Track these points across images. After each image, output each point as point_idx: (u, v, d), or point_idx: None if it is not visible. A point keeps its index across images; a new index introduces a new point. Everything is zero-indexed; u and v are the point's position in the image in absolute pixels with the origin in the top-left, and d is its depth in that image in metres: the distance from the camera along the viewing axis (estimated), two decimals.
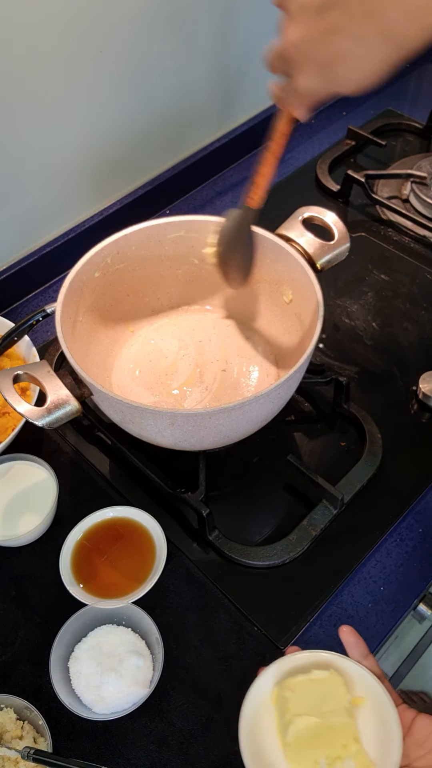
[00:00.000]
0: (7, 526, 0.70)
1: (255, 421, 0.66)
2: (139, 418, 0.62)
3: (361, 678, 0.52)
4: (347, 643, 0.55)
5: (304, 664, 0.54)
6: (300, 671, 0.53)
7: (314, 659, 0.54)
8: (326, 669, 0.53)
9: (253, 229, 0.70)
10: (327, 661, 0.54)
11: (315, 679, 0.52)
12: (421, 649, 1.04)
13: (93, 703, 0.59)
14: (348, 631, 0.55)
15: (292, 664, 0.53)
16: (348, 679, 0.53)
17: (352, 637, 0.55)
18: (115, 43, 0.86)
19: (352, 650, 0.54)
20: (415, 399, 0.81)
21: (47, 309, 0.76)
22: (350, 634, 0.55)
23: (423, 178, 1.03)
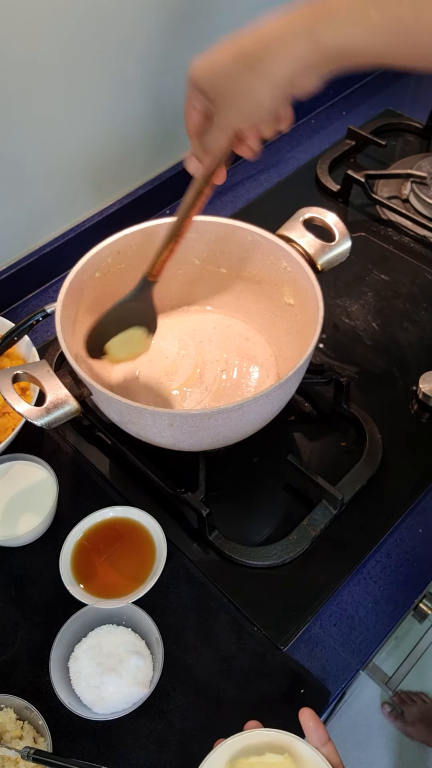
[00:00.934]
0: (7, 526, 0.70)
1: (255, 421, 0.66)
2: (138, 419, 0.62)
3: (317, 766, 0.50)
4: (306, 728, 0.52)
5: (260, 744, 0.51)
6: (255, 751, 0.51)
7: (271, 739, 0.51)
8: (281, 752, 0.51)
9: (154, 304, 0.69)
10: (284, 743, 0.51)
11: (268, 763, 0.50)
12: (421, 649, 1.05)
13: (93, 703, 0.59)
14: (309, 716, 0.52)
15: (247, 742, 0.51)
16: (301, 764, 0.51)
17: (311, 722, 0.52)
18: (114, 43, 0.86)
19: (312, 736, 0.52)
20: (415, 399, 0.81)
21: (47, 309, 0.76)
22: (310, 718, 0.52)
23: (423, 178, 1.03)
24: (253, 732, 0.52)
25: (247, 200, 1.08)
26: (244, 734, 0.52)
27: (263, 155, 1.15)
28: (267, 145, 1.17)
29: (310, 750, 0.50)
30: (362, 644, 0.65)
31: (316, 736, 0.52)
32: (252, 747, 0.52)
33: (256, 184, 1.10)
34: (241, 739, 0.51)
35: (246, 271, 0.77)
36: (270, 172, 1.12)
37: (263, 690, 0.62)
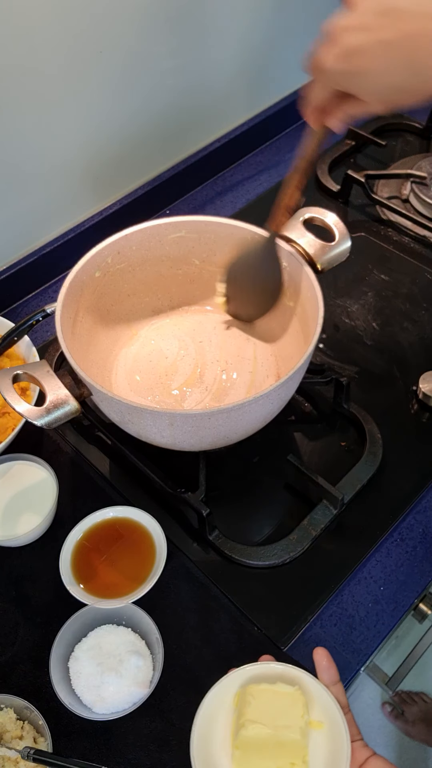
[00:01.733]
0: (7, 526, 0.70)
1: (255, 421, 0.66)
2: (139, 419, 0.62)
3: (324, 703, 0.52)
4: (319, 666, 0.54)
5: (273, 674, 0.53)
6: (267, 680, 0.53)
7: (284, 672, 0.54)
8: (293, 684, 0.53)
9: (278, 255, 0.69)
10: (295, 677, 0.53)
11: (278, 692, 0.52)
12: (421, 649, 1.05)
13: (93, 703, 0.59)
14: (322, 654, 0.55)
15: (261, 671, 0.53)
16: (311, 700, 0.53)
17: (325, 661, 0.54)
18: (115, 43, 0.86)
19: (323, 674, 0.54)
20: (415, 399, 0.81)
21: (47, 309, 0.76)
22: (324, 656, 0.54)
23: (423, 178, 1.03)
24: (267, 663, 0.54)
25: (247, 200, 1.08)
26: (257, 664, 0.54)
27: (263, 155, 1.16)
28: (267, 145, 1.17)
29: (319, 687, 0.53)
30: (362, 644, 0.65)
31: (327, 675, 0.54)
32: (264, 676, 0.54)
33: (256, 184, 1.10)
34: (254, 668, 0.54)
35: None
36: (270, 172, 1.12)
37: None
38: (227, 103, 1.10)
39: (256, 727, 0.50)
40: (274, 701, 0.52)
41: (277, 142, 1.17)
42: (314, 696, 0.53)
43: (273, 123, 1.15)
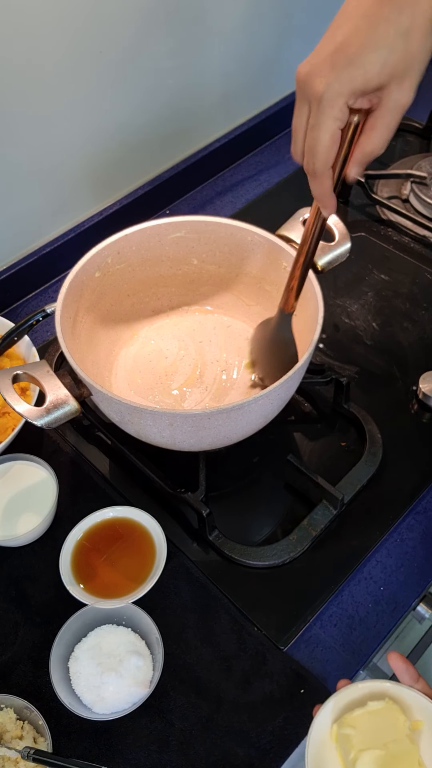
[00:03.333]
0: (7, 526, 0.70)
1: (255, 421, 0.66)
2: (138, 419, 0.62)
3: (417, 702, 0.53)
4: (398, 669, 0.54)
5: (359, 697, 0.54)
6: (356, 704, 0.53)
7: (367, 690, 0.54)
8: (381, 698, 0.53)
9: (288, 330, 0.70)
10: (380, 689, 0.54)
11: (372, 711, 0.52)
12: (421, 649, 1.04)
13: (93, 703, 0.59)
14: (397, 657, 0.55)
15: (347, 699, 0.53)
16: (404, 704, 0.53)
17: (401, 663, 0.54)
18: (115, 43, 0.86)
19: (403, 676, 0.54)
20: (415, 399, 0.81)
21: (47, 309, 0.76)
22: (399, 659, 0.55)
23: (423, 178, 1.03)
24: (348, 688, 0.53)
25: (247, 200, 1.08)
26: (341, 692, 0.53)
27: (263, 155, 1.16)
28: (267, 145, 1.17)
29: (406, 689, 0.53)
30: (362, 644, 0.65)
31: (408, 675, 0.54)
32: (353, 702, 0.53)
33: (256, 184, 1.10)
34: (341, 698, 0.53)
35: (246, 271, 0.77)
36: (270, 172, 1.12)
37: (263, 690, 0.62)
38: (227, 103, 1.10)
39: (369, 753, 0.51)
40: (373, 722, 0.52)
41: (277, 142, 1.17)
42: (405, 699, 0.53)
43: (273, 123, 1.15)
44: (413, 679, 0.54)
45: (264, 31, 1.06)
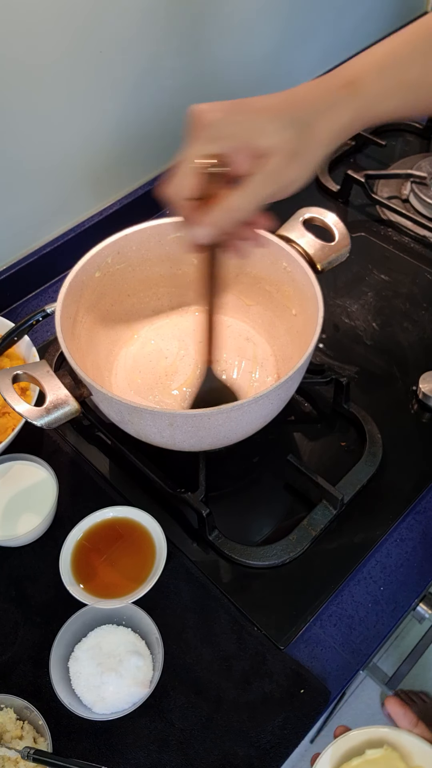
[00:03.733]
0: (7, 526, 0.70)
1: (254, 422, 0.66)
2: (138, 419, 0.62)
3: (417, 747, 0.52)
4: (395, 714, 0.54)
5: (357, 745, 0.52)
6: (354, 753, 0.52)
7: (366, 737, 0.52)
8: (379, 745, 0.52)
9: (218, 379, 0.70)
10: (379, 736, 0.52)
11: (371, 760, 0.51)
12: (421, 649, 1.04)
13: (93, 703, 0.59)
14: (394, 702, 0.54)
15: (345, 747, 0.52)
16: (403, 751, 0.52)
17: (398, 707, 0.53)
18: (115, 43, 0.86)
19: (401, 720, 0.53)
20: (415, 399, 0.81)
21: (47, 309, 0.76)
22: (396, 704, 0.54)
23: (423, 178, 1.03)
24: (346, 736, 0.52)
25: None
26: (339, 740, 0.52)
27: None
28: None
29: (405, 734, 0.52)
30: (362, 644, 0.65)
31: (406, 720, 0.53)
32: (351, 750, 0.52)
33: None
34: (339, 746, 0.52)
35: (246, 271, 0.77)
36: None
37: (263, 690, 0.62)
38: None
39: None
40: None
41: None
42: (404, 745, 0.52)
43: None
44: (412, 724, 0.53)
45: (264, 31, 1.06)
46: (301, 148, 0.48)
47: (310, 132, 0.49)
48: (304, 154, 0.49)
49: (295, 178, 0.49)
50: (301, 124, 0.48)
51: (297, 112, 0.49)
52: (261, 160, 0.48)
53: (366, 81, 0.50)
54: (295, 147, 0.48)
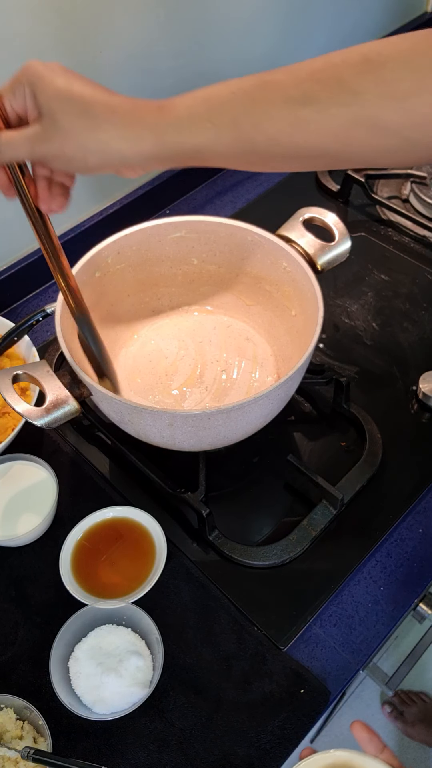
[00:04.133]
0: (7, 526, 0.70)
1: (254, 422, 0.66)
2: (138, 419, 0.62)
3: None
4: (361, 740, 0.53)
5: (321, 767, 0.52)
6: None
7: (331, 760, 0.51)
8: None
9: None
10: (344, 761, 0.51)
11: None
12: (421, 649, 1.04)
13: (93, 703, 0.59)
14: (360, 728, 0.53)
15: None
16: None
17: (365, 733, 0.53)
18: (115, 43, 0.86)
19: (367, 746, 0.52)
20: (415, 399, 0.81)
21: (47, 309, 0.76)
22: (363, 730, 0.53)
23: (423, 178, 1.03)
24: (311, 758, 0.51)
25: (247, 200, 1.08)
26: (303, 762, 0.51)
27: None
28: None
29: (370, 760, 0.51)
30: (362, 644, 0.65)
31: (372, 745, 0.52)
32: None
33: (256, 184, 1.10)
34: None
35: (246, 271, 0.77)
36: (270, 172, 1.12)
37: (263, 690, 0.62)
38: None
39: None
40: None
41: None
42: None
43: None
44: (378, 749, 0.52)
45: (264, 31, 1.06)
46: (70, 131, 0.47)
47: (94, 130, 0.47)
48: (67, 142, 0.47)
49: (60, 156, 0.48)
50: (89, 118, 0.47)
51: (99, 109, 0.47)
52: (32, 122, 0.48)
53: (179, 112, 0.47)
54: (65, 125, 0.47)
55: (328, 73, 0.43)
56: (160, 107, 0.47)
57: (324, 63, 0.44)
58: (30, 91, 0.47)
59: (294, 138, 0.45)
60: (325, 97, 0.43)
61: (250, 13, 1.01)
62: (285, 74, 0.45)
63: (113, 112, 0.47)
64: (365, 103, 0.42)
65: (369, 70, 0.42)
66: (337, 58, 0.44)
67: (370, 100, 0.42)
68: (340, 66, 0.43)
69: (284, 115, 0.44)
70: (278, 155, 0.47)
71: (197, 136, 0.46)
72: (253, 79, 0.46)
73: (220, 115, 0.46)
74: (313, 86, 0.43)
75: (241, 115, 0.45)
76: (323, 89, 0.43)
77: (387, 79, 0.42)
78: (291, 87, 0.44)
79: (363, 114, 0.43)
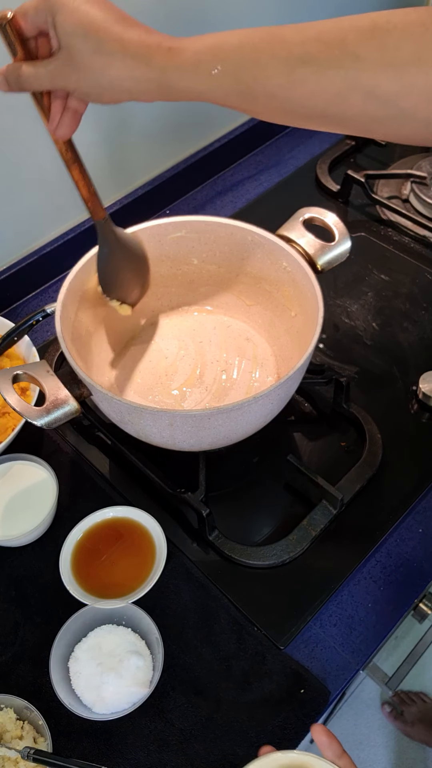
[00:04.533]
0: (7, 526, 0.70)
1: (254, 421, 0.66)
2: (138, 419, 0.62)
3: None
4: (320, 744, 0.53)
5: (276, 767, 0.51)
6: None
7: (288, 761, 0.51)
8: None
9: (119, 232, 0.68)
10: (301, 763, 0.51)
11: None
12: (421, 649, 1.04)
13: (93, 703, 0.59)
14: (320, 731, 0.53)
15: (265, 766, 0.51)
16: None
17: (324, 737, 0.52)
18: None
19: (326, 751, 0.52)
20: (415, 399, 0.81)
21: (47, 309, 0.76)
22: (322, 733, 0.53)
23: (423, 178, 1.03)
24: (268, 756, 0.51)
25: (247, 200, 1.08)
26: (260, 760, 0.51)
27: (263, 155, 1.16)
28: (267, 145, 1.17)
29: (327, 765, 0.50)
30: (362, 644, 0.65)
31: (331, 750, 0.52)
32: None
33: (256, 184, 1.10)
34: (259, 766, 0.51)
35: (246, 271, 0.77)
36: (270, 172, 1.12)
37: (263, 690, 0.62)
38: None
39: None
40: None
41: (277, 142, 1.17)
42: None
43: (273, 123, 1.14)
44: (336, 755, 0.52)
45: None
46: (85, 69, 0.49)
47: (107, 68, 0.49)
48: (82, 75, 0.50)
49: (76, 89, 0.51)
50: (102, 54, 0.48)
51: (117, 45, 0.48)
52: (53, 54, 0.50)
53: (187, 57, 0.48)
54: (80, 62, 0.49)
55: (334, 35, 0.44)
56: (169, 49, 0.48)
57: (333, 25, 0.45)
58: (51, 20, 0.49)
59: (290, 95, 0.46)
60: (325, 59, 0.44)
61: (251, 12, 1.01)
62: (293, 31, 0.46)
63: (125, 50, 0.48)
64: (364, 68, 0.43)
65: (373, 36, 0.43)
66: (346, 22, 0.44)
67: (369, 66, 0.43)
68: (347, 29, 0.44)
69: (283, 71, 0.45)
70: (274, 109, 0.48)
71: (200, 84, 0.48)
72: (262, 31, 0.47)
73: (223, 64, 0.47)
74: (316, 46, 0.44)
75: (243, 67, 0.47)
76: (324, 50, 0.44)
77: (389, 47, 0.42)
78: (295, 45, 0.45)
79: (360, 79, 0.43)
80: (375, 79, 0.43)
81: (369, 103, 0.44)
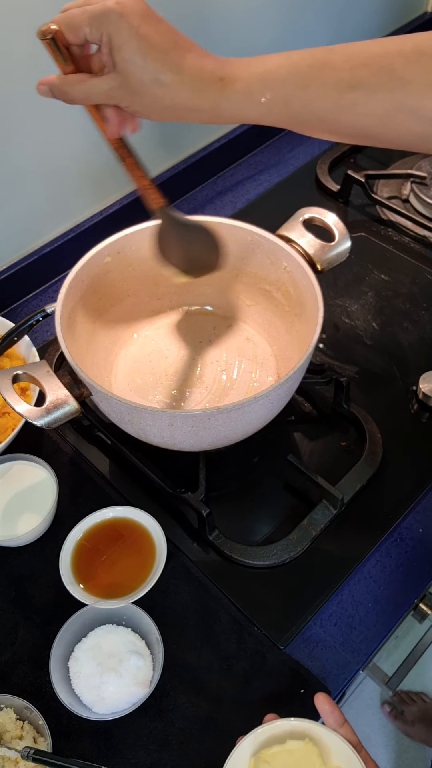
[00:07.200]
0: (7, 526, 0.70)
1: (254, 422, 0.66)
2: (138, 419, 0.62)
3: (338, 747, 0.52)
4: (323, 712, 0.54)
5: (280, 733, 0.53)
6: (276, 741, 0.53)
7: (290, 728, 0.53)
8: (302, 738, 0.53)
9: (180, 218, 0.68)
10: (303, 729, 0.53)
11: (290, 749, 0.52)
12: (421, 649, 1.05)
13: (93, 703, 0.59)
14: (323, 700, 0.54)
15: (268, 734, 0.53)
16: (324, 748, 0.53)
17: (327, 705, 0.54)
18: None
19: (328, 718, 0.54)
20: (415, 399, 0.81)
21: (47, 309, 0.76)
22: (325, 702, 0.54)
23: (423, 178, 1.03)
24: (273, 723, 0.53)
25: (247, 200, 1.08)
26: (263, 727, 0.53)
27: (263, 155, 1.16)
28: (267, 145, 1.17)
29: (328, 732, 0.52)
30: (362, 644, 0.65)
31: (333, 718, 0.54)
32: (273, 738, 0.53)
33: (256, 184, 1.10)
34: (262, 732, 0.53)
35: (246, 271, 0.77)
36: (270, 172, 1.12)
37: (263, 689, 0.62)
38: None
39: None
40: (288, 761, 0.52)
41: (277, 142, 1.17)
42: (326, 742, 0.53)
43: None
44: (338, 723, 0.53)
45: (265, 28, 1.06)
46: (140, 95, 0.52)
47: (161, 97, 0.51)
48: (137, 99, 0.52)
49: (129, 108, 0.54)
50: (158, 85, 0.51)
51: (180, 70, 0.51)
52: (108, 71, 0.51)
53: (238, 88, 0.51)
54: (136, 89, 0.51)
55: (381, 61, 0.47)
56: (221, 80, 0.51)
57: (380, 50, 0.47)
58: (107, 41, 0.50)
59: (340, 118, 0.49)
60: (374, 84, 0.47)
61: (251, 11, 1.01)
62: (341, 56, 0.48)
63: (181, 82, 0.51)
64: (410, 91, 0.46)
65: (419, 60, 0.46)
66: (391, 46, 0.47)
67: (416, 88, 0.46)
68: (394, 55, 0.47)
69: (333, 96, 0.48)
70: (322, 130, 0.51)
71: (250, 111, 0.51)
72: (310, 57, 0.49)
73: (273, 92, 0.50)
74: (365, 72, 0.47)
75: (293, 96, 0.50)
76: (373, 75, 0.47)
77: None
78: (344, 71, 0.48)
79: (406, 101, 0.46)
80: (421, 100, 0.46)
81: (414, 122, 0.47)
